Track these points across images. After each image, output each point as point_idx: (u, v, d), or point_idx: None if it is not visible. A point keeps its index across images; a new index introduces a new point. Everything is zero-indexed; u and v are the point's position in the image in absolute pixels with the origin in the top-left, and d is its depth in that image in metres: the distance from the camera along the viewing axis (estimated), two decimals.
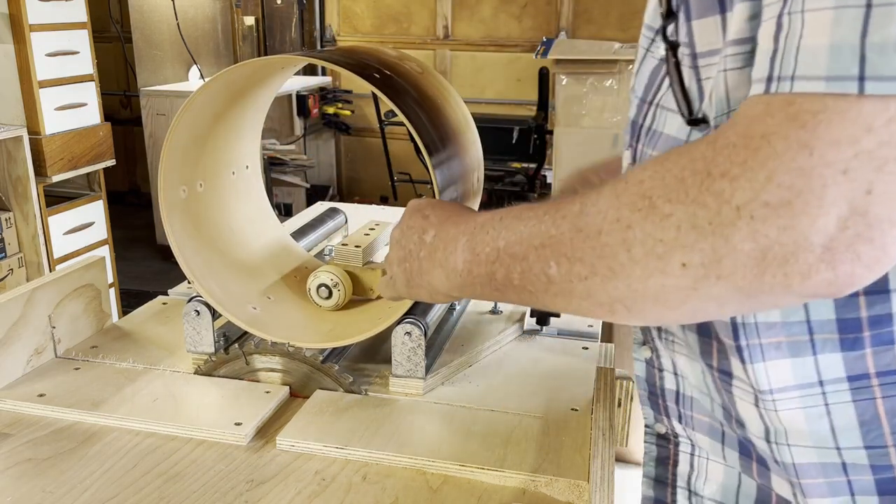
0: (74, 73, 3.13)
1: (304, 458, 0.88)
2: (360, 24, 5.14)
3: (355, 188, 5.39)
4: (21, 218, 2.98)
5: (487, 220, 0.68)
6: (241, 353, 1.01)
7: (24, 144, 2.87)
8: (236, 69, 0.95)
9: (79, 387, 0.99)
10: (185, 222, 1.04)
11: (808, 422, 0.60)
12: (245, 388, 0.99)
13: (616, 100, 3.21)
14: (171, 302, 1.26)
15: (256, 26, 5.09)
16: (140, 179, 5.49)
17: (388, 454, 0.87)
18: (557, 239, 0.59)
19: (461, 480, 0.84)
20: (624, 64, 3.20)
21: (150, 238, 4.58)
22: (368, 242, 1.14)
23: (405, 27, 5.04)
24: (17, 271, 3.00)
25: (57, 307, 1.05)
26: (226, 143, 1.11)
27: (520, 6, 4.79)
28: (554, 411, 0.95)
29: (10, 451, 0.87)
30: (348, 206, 1.65)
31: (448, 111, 1.01)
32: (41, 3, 2.94)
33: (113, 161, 3.38)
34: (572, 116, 3.28)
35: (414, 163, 4.14)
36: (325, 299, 1.09)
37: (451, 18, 4.92)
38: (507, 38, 4.85)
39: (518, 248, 0.62)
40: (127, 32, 4.46)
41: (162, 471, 0.85)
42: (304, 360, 0.99)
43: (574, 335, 1.15)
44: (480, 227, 0.68)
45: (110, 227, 3.43)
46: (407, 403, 0.97)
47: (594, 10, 4.65)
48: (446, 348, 1.08)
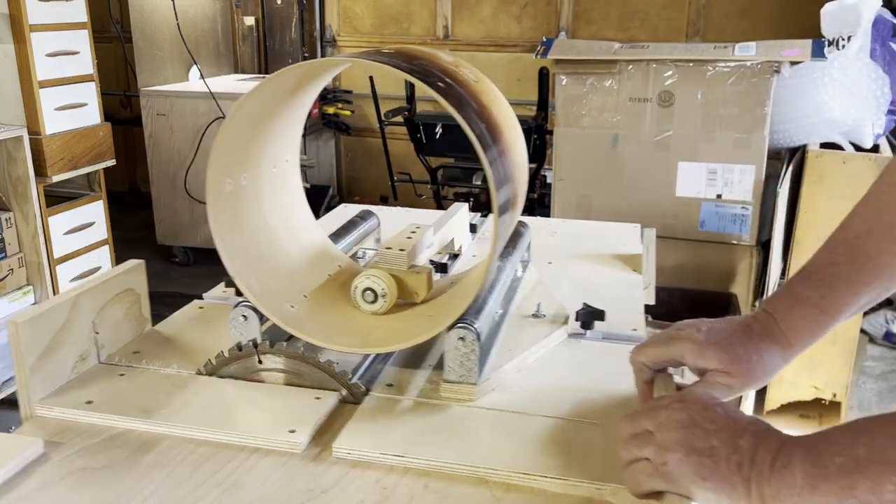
0: (74, 73, 3.12)
1: (363, 467, 0.86)
2: (360, 24, 5.12)
3: (355, 188, 5.37)
4: (21, 218, 2.96)
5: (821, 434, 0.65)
6: (254, 351, 1.00)
7: (24, 144, 2.86)
8: (298, 67, 0.95)
9: (126, 393, 0.98)
10: (228, 216, 1.02)
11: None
12: (294, 395, 0.98)
13: (616, 100, 3.21)
14: (207, 306, 1.25)
15: (256, 26, 5.07)
16: (140, 179, 5.45)
17: (448, 462, 0.86)
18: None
19: (524, 489, 0.83)
20: (624, 64, 3.21)
21: (150, 238, 4.55)
22: (412, 246, 1.12)
23: (405, 27, 5.02)
24: (17, 271, 2.98)
25: (100, 312, 1.04)
26: (271, 138, 1.09)
27: (520, 6, 4.79)
28: (610, 417, 0.94)
29: (63, 460, 0.86)
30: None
31: (501, 121, 1.00)
32: (41, 3, 2.92)
33: (113, 161, 3.37)
34: (572, 116, 3.28)
35: (414, 163, 4.13)
36: (370, 304, 1.08)
37: (451, 18, 4.91)
38: (507, 38, 4.85)
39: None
40: (127, 32, 4.44)
41: (220, 480, 0.84)
42: (315, 363, 0.98)
43: (619, 339, 1.14)
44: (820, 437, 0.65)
45: (110, 227, 3.42)
46: (460, 410, 0.96)
47: (594, 10, 4.64)
48: (494, 353, 1.07)
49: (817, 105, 2.87)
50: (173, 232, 4.47)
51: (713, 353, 0.83)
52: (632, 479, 0.77)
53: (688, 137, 2.95)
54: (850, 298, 0.86)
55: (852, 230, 0.88)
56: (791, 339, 0.85)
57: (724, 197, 3.04)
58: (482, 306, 1.01)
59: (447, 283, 1.18)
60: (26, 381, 0.93)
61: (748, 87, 2.90)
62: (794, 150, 2.98)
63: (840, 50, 2.87)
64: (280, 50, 5.11)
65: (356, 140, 5.26)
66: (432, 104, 4.98)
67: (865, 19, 2.82)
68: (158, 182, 4.40)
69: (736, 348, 0.84)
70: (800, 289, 0.87)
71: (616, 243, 1.58)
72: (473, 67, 1.06)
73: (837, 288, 0.85)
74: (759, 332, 0.85)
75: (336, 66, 1.02)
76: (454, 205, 1.50)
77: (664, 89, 3.05)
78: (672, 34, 4.53)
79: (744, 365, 0.83)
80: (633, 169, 3.04)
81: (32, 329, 0.93)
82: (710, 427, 0.72)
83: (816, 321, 0.85)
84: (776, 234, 2.80)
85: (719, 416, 0.73)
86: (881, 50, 2.91)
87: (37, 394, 0.95)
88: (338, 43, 5.19)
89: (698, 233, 3.06)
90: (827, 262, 0.87)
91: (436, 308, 1.08)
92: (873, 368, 3.44)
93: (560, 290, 1.30)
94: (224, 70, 5.01)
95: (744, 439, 0.70)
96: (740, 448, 0.69)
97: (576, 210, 3.12)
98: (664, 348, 0.87)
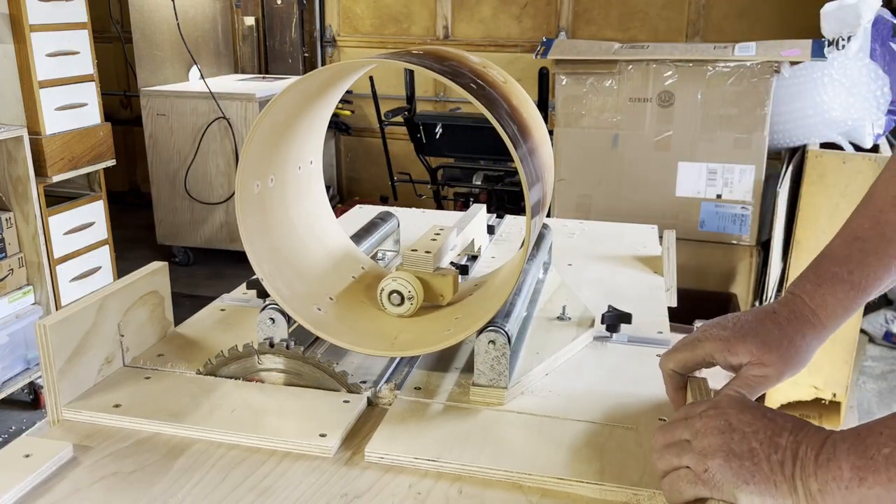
0: (74, 73, 3.10)
1: (395, 471, 0.86)
2: (360, 24, 5.11)
3: (355, 188, 5.36)
4: (21, 218, 2.95)
5: (866, 426, 0.65)
6: (254, 351, 0.99)
7: (25, 144, 2.84)
8: (327, 69, 0.94)
9: (153, 397, 0.97)
10: (256, 220, 1.02)
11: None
12: (322, 398, 0.97)
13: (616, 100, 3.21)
14: (229, 308, 1.24)
15: (256, 26, 5.06)
16: (140, 179, 5.44)
17: (482, 467, 0.85)
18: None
19: (560, 494, 0.82)
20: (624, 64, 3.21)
21: (150, 238, 4.54)
22: (438, 248, 1.12)
23: (405, 27, 5.01)
24: (18, 271, 2.96)
25: (125, 315, 1.03)
26: (297, 139, 1.09)
27: (520, 6, 4.78)
28: (644, 422, 0.93)
29: (93, 465, 0.85)
30: None
31: (530, 122, 0.99)
32: (41, 3, 2.91)
33: (113, 161, 3.35)
34: (572, 116, 3.28)
35: (414, 163, 4.12)
36: (396, 306, 1.07)
37: (451, 19, 4.90)
38: (507, 38, 4.84)
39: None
40: (127, 32, 4.42)
41: (252, 484, 0.83)
42: (315, 363, 0.98)
43: (645, 342, 1.14)
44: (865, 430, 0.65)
45: (110, 227, 3.40)
46: (491, 414, 0.95)
47: (594, 10, 4.64)
48: (521, 356, 1.06)
49: (817, 105, 2.87)
50: (173, 232, 4.45)
51: (742, 347, 0.82)
52: (672, 488, 0.75)
53: (688, 137, 2.95)
54: (881, 272, 0.84)
55: (876, 205, 0.86)
56: (822, 318, 0.84)
57: (723, 197, 3.04)
58: (510, 309, 1.00)
59: (471, 285, 1.17)
60: (54, 385, 0.92)
61: (748, 87, 2.90)
62: (794, 150, 2.98)
63: (840, 50, 2.87)
64: (280, 50, 5.10)
65: (356, 140, 5.25)
66: (432, 104, 4.98)
67: (865, 19, 2.82)
68: (158, 182, 4.38)
69: (764, 337, 0.82)
70: (826, 265, 0.86)
71: (635, 244, 1.58)
72: (500, 68, 1.05)
73: (867, 262, 0.84)
74: (787, 317, 0.84)
75: (363, 66, 1.01)
76: (473, 206, 1.49)
77: (664, 89, 3.05)
78: (672, 34, 4.53)
79: (775, 353, 0.82)
80: (633, 169, 3.04)
81: (60, 332, 0.92)
82: (748, 429, 0.71)
83: (847, 296, 0.84)
84: (776, 234, 2.81)
85: (756, 418, 0.72)
86: (881, 50, 2.91)
87: (64, 397, 0.94)
88: (338, 43, 5.17)
89: (698, 233, 3.06)
90: (852, 239, 0.86)
91: (462, 310, 1.08)
92: (873, 368, 3.45)
93: (582, 293, 1.29)
94: (224, 70, 5.00)
95: (783, 437, 0.70)
96: (780, 447, 0.69)
97: (576, 210, 3.12)
98: (692, 352, 0.86)
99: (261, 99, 4.15)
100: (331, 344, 1.03)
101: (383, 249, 1.37)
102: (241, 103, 4.12)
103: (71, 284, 3.17)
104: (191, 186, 4.29)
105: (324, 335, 1.00)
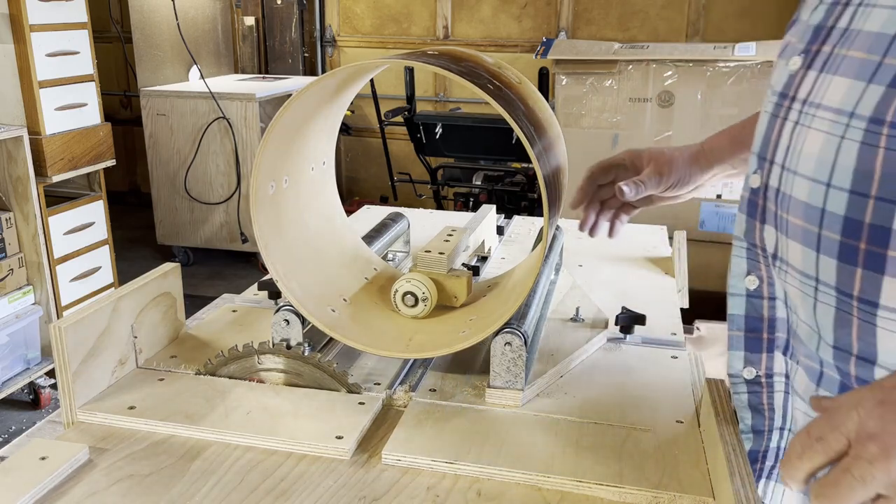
0: (74, 73, 3.10)
1: (413, 473, 0.85)
2: (360, 24, 5.10)
3: (355, 188, 5.35)
4: (21, 218, 2.94)
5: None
6: (254, 351, 0.99)
7: (25, 144, 2.83)
8: (342, 70, 0.93)
9: (167, 399, 0.96)
10: (271, 221, 1.01)
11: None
12: (338, 400, 0.96)
13: (616, 100, 3.21)
14: (240, 309, 1.23)
15: (256, 26, 5.05)
16: (140, 179, 5.43)
17: (500, 469, 0.84)
18: None
19: (579, 497, 0.82)
20: (624, 64, 3.20)
21: (150, 238, 4.53)
22: (451, 249, 1.11)
23: (405, 27, 5.01)
24: (18, 271, 2.95)
25: (139, 316, 1.02)
26: (311, 140, 1.08)
27: (520, 6, 4.78)
28: (661, 424, 0.93)
29: (110, 467, 0.84)
30: None
31: (544, 122, 0.99)
32: (41, 3, 2.90)
33: (113, 161, 3.34)
34: (572, 116, 3.28)
35: (414, 163, 4.12)
36: (410, 307, 1.07)
37: (451, 19, 4.90)
38: (507, 38, 4.84)
39: None
40: (127, 32, 4.41)
41: (269, 487, 0.82)
42: (315, 363, 0.98)
43: (658, 343, 1.14)
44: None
45: (110, 227, 3.39)
46: (508, 416, 0.95)
47: (594, 10, 4.64)
48: (536, 357, 1.06)
49: None
50: (173, 232, 4.44)
51: (644, 155, 1.12)
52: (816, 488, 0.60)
53: (688, 137, 2.95)
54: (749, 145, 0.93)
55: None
56: (704, 147, 1.11)
57: (724, 197, 3.04)
58: (526, 311, 1.00)
59: (483, 286, 1.17)
60: (69, 387, 0.91)
61: (748, 87, 2.91)
62: None
63: None
64: (280, 50, 5.09)
65: (356, 140, 5.24)
66: (432, 104, 4.97)
67: None
68: (158, 182, 4.37)
69: (656, 152, 1.12)
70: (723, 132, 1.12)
71: (645, 245, 1.57)
72: (514, 69, 1.05)
73: (744, 125, 1.06)
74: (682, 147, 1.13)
75: (378, 67, 1.01)
76: (483, 207, 1.49)
77: (664, 89, 3.05)
78: (672, 34, 4.53)
79: (655, 161, 1.10)
80: None
81: (76, 333, 0.91)
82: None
83: (727, 136, 1.09)
84: None
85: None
86: None
87: (79, 399, 0.93)
88: (338, 43, 5.17)
89: (698, 233, 3.06)
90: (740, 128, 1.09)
91: (477, 312, 1.07)
92: None
93: (594, 294, 1.29)
94: (224, 70, 4.98)
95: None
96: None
97: (575, 210, 3.12)
98: (608, 158, 1.16)
99: (261, 99, 4.14)
100: (344, 345, 1.02)
101: (394, 251, 1.37)
102: (241, 103, 4.11)
103: (71, 284, 3.16)
104: (191, 186, 4.28)
105: (338, 336, 0.99)
